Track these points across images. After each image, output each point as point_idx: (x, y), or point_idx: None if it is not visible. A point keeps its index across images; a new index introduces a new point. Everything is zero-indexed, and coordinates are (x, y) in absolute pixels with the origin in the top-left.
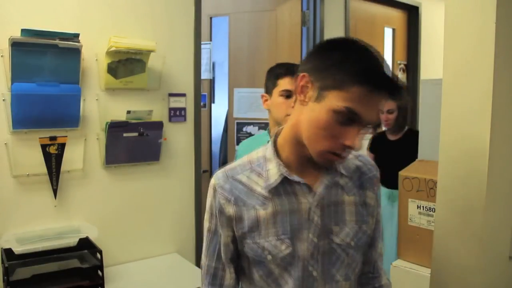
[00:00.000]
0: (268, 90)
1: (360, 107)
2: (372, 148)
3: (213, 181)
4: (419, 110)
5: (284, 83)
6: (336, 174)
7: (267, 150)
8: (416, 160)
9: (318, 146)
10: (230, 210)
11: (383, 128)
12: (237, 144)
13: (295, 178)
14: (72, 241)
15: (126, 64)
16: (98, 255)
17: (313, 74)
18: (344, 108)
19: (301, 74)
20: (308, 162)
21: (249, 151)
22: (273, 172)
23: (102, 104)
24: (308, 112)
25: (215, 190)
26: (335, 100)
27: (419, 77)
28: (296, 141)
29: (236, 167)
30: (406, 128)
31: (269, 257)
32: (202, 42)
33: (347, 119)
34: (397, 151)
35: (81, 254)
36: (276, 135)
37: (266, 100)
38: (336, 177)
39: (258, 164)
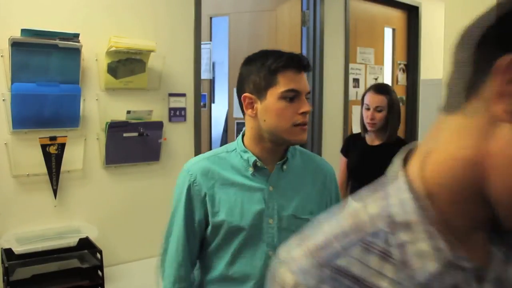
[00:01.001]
0: (256, 90)
1: None
2: (344, 150)
3: (289, 277)
4: (419, 110)
5: (288, 80)
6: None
7: (400, 205)
8: None
9: None
10: None
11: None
12: None
13: (471, 263)
14: (72, 241)
15: (126, 64)
16: (98, 255)
17: None
18: None
19: None
20: (481, 227)
21: (212, 179)
22: (424, 254)
23: (102, 104)
24: None
25: None
26: None
27: (419, 77)
28: (476, 193)
29: (331, 241)
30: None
31: None
32: (202, 42)
33: None
34: (374, 160)
35: (81, 254)
36: (405, 169)
37: (252, 103)
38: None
39: (378, 232)
